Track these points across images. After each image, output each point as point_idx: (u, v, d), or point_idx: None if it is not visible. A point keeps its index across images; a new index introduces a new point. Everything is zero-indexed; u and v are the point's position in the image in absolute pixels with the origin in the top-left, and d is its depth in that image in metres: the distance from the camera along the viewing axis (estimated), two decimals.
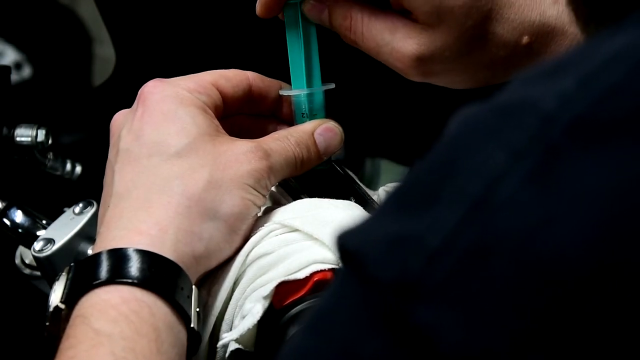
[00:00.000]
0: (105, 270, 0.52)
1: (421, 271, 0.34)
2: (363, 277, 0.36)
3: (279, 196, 0.67)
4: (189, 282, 0.55)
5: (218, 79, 0.63)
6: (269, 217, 0.61)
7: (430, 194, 0.36)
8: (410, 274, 0.34)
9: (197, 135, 0.58)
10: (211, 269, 0.60)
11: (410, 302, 0.34)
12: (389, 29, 0.61)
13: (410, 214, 0.36)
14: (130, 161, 0.58)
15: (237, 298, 0.59)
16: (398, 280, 0.34)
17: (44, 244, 0.69)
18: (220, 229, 0.57)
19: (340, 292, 0.38)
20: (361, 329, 0.36)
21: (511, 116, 0.35)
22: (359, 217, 0.60)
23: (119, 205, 0.57)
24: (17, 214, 0.75)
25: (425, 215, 0.35)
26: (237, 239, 0.59)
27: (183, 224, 0.55)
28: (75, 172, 0.83)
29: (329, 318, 0.38)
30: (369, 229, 0.38)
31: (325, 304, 0.39)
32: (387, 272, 0.35)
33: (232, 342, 0.57)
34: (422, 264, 0.34)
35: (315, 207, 0.61)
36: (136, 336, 0.50)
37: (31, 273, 0.78)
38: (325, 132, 0.64)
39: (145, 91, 0.61)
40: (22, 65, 2.17)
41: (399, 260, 0.35)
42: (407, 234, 0.35)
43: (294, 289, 0.58)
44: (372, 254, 0.36)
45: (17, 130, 0.78)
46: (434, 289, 0.34)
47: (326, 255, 0.58)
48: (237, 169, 0.58)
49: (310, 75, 0.65)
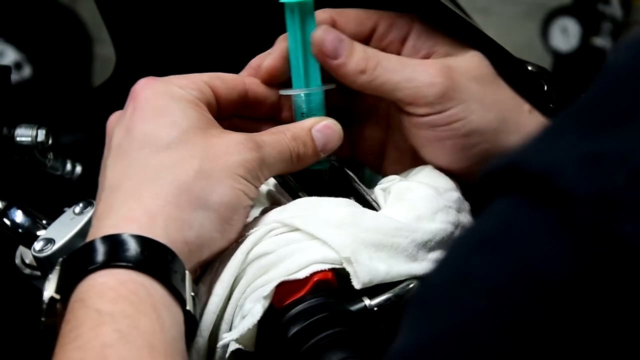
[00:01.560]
0: (100, 255, 0.53)
1: (625, 186, 0.35)
2: (552, 194, 0.36)
3: (278, 196, 0.67)
4: (182, 267, 0.55)
5: (213, 78, 0.63)
6: (269, 216, 0.61)
7: (624, 111, 0.36)
8: (613, 188, 0.35)
9: (188, 128, 0.59)
10: (211, 267, 0.60)
11: (613, 215, 0.35)
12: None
13: (604, 132, 0.37)
14: (122, 155, 0.59)
15: (237, 298, 0.59)
16: (599, 194, 0.35)
17: (44, 244, 0.69)
18: (211, 218, 0.57)
19: (510, 215, 0.38)
20: (547, 249, 0.36)
21: None
22: (360, 213, 0.60)
23: (110, 197, 0.57)
24: (17, 214, 0.75)
25: (622, 132, 0.36)
26: (230, 230, 0.58)
27: (172, 212, 0.56)
28: (76, 172, 0.83)
29: (498, 240, 0.38)
30: (552, 152, 0.38)
31: (488, 229, 0.39)
32: (586, 187, 0.35)
33: (232, 342, 0.57)
34: (626, 180, 0.35)
35: (315, 206, 0.61)
36: (138, 314, 0.51)
37: (31, 273, 0.78)
38: (324, 129, 0.64)
39: (136, 89, 0.61)
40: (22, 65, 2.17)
41: (599, 176, 0.35)
42: (605, 151, 0.36)
43: (294, 289, 0.58)
44: (567, 171, 0.36)
45: (18, 130, 0.78)
46: (636, 203, 0.35)
47: (326, 255, 0.58)
48: (227, 160, 0.58)
49: (310, 75, 0.65)
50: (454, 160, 0.65)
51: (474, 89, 0.64)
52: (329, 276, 0.58)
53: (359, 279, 0.57)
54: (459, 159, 0.65)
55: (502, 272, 0.37)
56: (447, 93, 0.62)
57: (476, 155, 0.64)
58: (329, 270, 0.58)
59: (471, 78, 0.64)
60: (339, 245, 0.58)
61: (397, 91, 0.63)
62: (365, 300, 0.58)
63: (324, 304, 0.57)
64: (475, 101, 0.63)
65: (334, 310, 0.57)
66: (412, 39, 0.65)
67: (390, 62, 0.63)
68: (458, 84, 0.63)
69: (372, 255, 0.58)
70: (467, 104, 0.63)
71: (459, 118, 0.63)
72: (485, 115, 0.64)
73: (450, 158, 0.65)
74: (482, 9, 2.41)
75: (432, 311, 0.40)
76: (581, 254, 0.36)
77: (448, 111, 0.63)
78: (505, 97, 0.65)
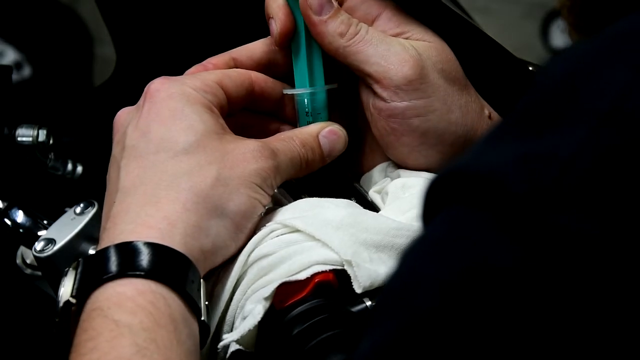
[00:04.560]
0: (115, 264, 0.52)
1: (557, 180, 0.37)
2: (493, 197, 0.38)
3: (279, 196, 0.67)
4: (198, 276, 0.55)
5: (222, 78, 0.63)
6: (270, 217, 0.61)
7: (554, 115, 0.39)
8: (547, 183, 0.37)
9: (205, 133, 0.58)
10: (213, 269, 0.60)
11: (548, 209, 0.37)
12: None
13: (536, 135, 0.39)
14: (137, 157, 0.58)
15: (238, 299, 0.59)
16: (535, 190, 0.37)
17: (45, 244, 0.69)
18: (227, 226, 0.57)
19: (455, 220, 0.40)
20: (491, 245, 0.38)
21: (631, 39, 0.39)
22: (360, 214, 0.60)
23: (125, 200, 0.57)
24: (19, 214, 0.75)
25: (552, 134, 0.38)
26: (242, 237, 0.59)
27: (191, 219, 0.55)
28: (77, 172, 0.83)
29: (445, 244, 0.40)
30: (490, 156, 0.40)
31: (435, 235, 0.41)
32: (522, 186, 0.37)
33: (232, 343, 0.57)
34: (558, 174, 0.37)
35: (316, 207, 0.61)
36: (156, 327, 0.50)
37: (32, 273, 0.78)
38: (330, 134, 0.64)
39: (152, 88, 0.60)
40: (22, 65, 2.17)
41: (534, 174, 0.37)
42: (537, 151, 0.38)
43: (295, 290, 0.58)
44: (503, 173, 0.38)
45: (18, 131, 0.78)
46: (570, 194, 0.37)
47: (327, 256, 0.58)
48: (245, 167, 0.58)
49: (313, 74, 0.65)
50: (411, 159, 0.65)
51: (441, 86, 0.63)
52: (329, 277, 0.58)
53: (359, 283, 0.57)
54: (415, 158, 0.64)
55: (450, 271, 0.39)
56: (413, 82, 0.62)
57: (435, 156, 0.64)
58: (330, 272, 0.58)
59: (440, 71, 0.64)
60: (340, 247, 0.58)
61: (367, 65, 0.63)
62: (366, 301, 0.58)
63: (325, 305, 0.57)
64: (438, 99, 0.63)
65: (335, 312, 0.57)
66: (382, 19, 0.65)
67: (370, 34, 0.63)
68: (426, 76, 0.63)
69: (373, 256, 0.58)
70: (430, 100, 0.63)
71: (419, 114, 0.63)
72: (446, 116, 0.63)
73: (407, 156, 0.64)
74: (482, 9, 2.42)
75: (385, 315, 0.41)
76: (522, 249, 0.37)
77: (409, 102, 0.62)
78: (469, 100, 0.65)
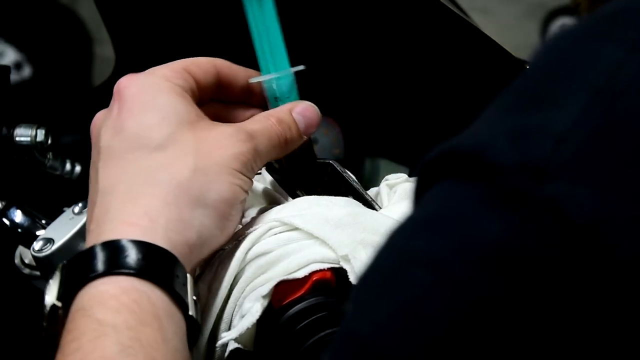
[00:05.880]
0: (100, 262, 0.52)
1: (550, 153, 0.37)
2: (483, 170, 0.38)
3: (277, 195, 0.67)
4: (183, 270, 0.54)
5: (189, 64, 0.62)
6: (268, 215, 0.61)
7: (546, 92, 0.40)
8: (539, 156, 0.37)
9: (178, 124, 0.58)
10: (211, 267, 0.60)
11: (540, 180, 0.37)
12: None
13: (529, 111, 0.39)
14: (113, 157, 0.58)
15: (236, 297, 0.59)
16: (526, 162, 0.37)
17: (43, 243, 0.69)
18: (210, 215, 0.57)
19: (447, 196, 0.40)
20: (483, 215, 0.38)
21: (622, 19, 0.40)
22: (359, 213, 0.60)
23: (105, 200, 0.56)
24: (17, 214, 0.75)
25: (545, 109, 0.39)
26: (228, 225, 0.58)
27: (172, 213, 0.55)
28: (75, 172, 0.83)
29: (437, 219, 0.40)
30: (481, 131, 0.40)
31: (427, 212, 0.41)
32: (513, 158, 0.38)
33: (231, 341, 0.57)
34: (551, 147, 0.37)
35: (314, 205, 0.61)
36: (140, 326, 0.50)
37: (31, 273, 0.78)
38: (304, 111, 0.63)
39: (120, 86, 0.60)
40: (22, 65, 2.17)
41: (525, 146, 0.38)
42: (529, 125, 0.38)
43: (293, 289, 0.58)
44: (494, 146, 0.39)
45: (17, 130, 0.78)
46: (562, 166, 0.37)
47: (326, 254, 0.58)
48: (222, 154, 0.57)
49: (277, 59, 0.63)
50: None
51: None
52: (327, 275, 0.58)
53: (356, 276, 0.57)
54: None
55: (444, 247, 0.39)
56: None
57: None
58: (328, 270, 0.58)
59: None
60: (337, 244, 0.58)
61: None
62: None
63: (322, 303, 0.57)
64: None
65: (333, 310, 0.57)
66: None
67: None
68: None
69: (370, 254, 0.58)
70: None
71: None
72: None
73: None
74: (482, 9, 2.42)
75: (380, 291, 0.41)
76: (514, 220, 0.37)
77: None
78: None
